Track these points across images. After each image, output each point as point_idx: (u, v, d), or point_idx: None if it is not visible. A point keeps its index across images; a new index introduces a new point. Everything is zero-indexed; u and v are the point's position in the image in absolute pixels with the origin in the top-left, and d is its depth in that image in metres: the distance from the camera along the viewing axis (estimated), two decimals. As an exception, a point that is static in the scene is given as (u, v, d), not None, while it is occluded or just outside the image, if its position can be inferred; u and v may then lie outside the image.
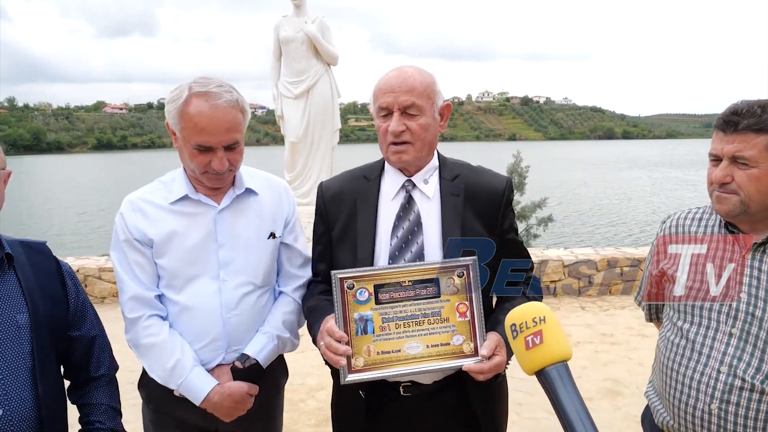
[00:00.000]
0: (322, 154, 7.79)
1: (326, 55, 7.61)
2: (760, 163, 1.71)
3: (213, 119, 1.91)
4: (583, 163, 71.80)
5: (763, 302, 1.77)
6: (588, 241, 17.33)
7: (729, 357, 1.80)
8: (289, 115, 7.71)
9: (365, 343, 1.77)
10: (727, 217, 1.83)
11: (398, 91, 1.88)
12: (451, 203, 1.97)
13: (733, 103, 1.81)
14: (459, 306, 1.80)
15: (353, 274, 1.77)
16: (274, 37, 7.74)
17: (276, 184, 2.28)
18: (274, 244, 2.18)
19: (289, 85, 7.65)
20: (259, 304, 2.16)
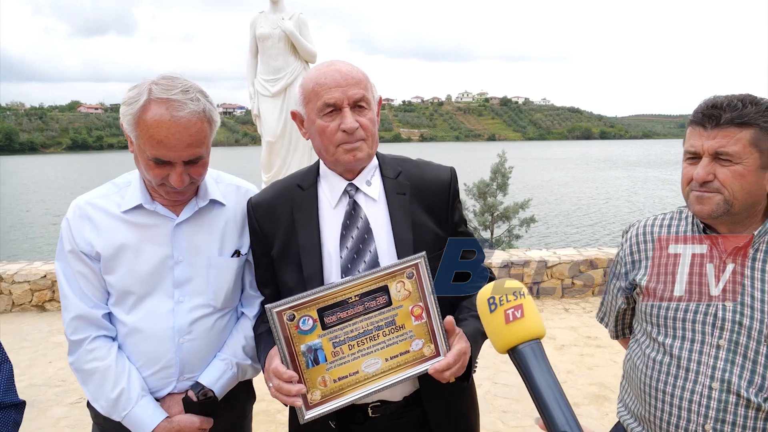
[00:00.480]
0: (300, 154, 7.58)
1: (304, 53, 7.41)
2: (744, 159, 1.60)
3: (173, 132, 1.69)
4: (563, 163, 72.46)
5: (749, 309, 1.67)
6: (570, 241, 17.36)
7: (720, 371, 1.68)
8: (266, 114, 7.49)
9: (319, 373, 1.61)
10: (707, 219, 1.70)
11: (345, 85, 1.71)
12: (398, 203, 1.82)
13: (708, 98, 1.69)
14: (413, 309, 1.66)
15: (291, 303, 1.57)
16: (251, 34, 7.53)
17: (244, 192, 2.06)
18: (238, 263, 1.97)
19: (265, 83, 7.44)
20: (218, 328, 1.96)
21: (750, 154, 1.60)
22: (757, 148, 1.60)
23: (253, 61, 7.60)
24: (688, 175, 1.70)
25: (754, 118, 1.59)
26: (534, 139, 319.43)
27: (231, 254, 1.95)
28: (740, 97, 1.64)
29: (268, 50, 7.39)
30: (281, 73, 7.38)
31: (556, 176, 46.93)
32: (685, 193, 1.74)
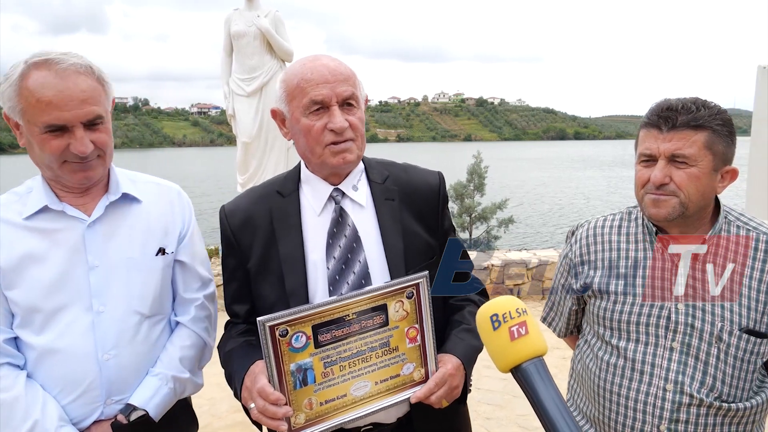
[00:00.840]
0: (276, 155, 7.41)
1: (280, 51, 7.25)
2: (699, 162, 1.62)
3: (61, 89, 1.52)
4: (540, 163, 73.15)
5: (701, 312, 1.70)
6: (555, 242, 17.45)
7: (673, 373, 1.71)
8: (242, 114, 7.30)
9: (306, 395, 1.49)
10: (664, 221, 1.70)
11: (334, 81, 1.58)
12: (387, 209, 1.70)
13: (659, 101, 1.71)
14: (409, 331, 1.56)
15: (286, 318, 1.44)
16: (225, 32, 7.34)
17: (166, 188, 1.89)
18: (164, 262, 1.79)
19: (240, 82, 7.25)
20: (150, 339, 1.76)
21: (704, 156, 1.62)
22: (710, 150, 1.62)
23: (228, 60, 7.41)
24: (643, 178, 1.70)
25: (708, 121, 1.61)
26: (510, 140, 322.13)
27: (155, 253, 1.78)
28: (692, 100, 1.66)
29: (243, 49, 7.21)
30: (257, 72, 7.21)
31: (534, 176, 47.26)
32: (640, 196, 1.73)
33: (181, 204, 1.91)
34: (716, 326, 1.68)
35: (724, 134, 1.65)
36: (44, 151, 1.58)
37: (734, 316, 1.68)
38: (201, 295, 1.89)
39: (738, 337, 1.68)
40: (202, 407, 4.46)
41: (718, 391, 1.69)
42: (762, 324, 1.68)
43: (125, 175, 1.83)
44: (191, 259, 1.88)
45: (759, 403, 1.73)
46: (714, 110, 1.64)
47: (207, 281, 1.93)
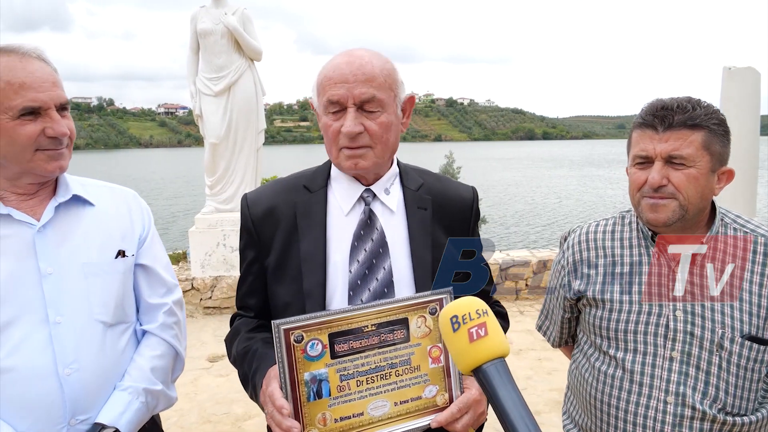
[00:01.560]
0: (246, 156, 7.25)
1: (249, 50, 7.09)
2: (697, 162, 1.58)
3: (32, 71, 1.49)
4: (512, 162, 73.80)
5: (701, 319, 1.63)
6: (529, 242, 17.52)
7: (674, 384, 1.64)
8: (209, 114, 7.12)
9: (320, 409, 1.39)
10: (663, 226, 1.64)
11: (353, 81, 1.49)
12: (418, 217, 1.63)
13: (654, 100, 1.66)
14: (432, 350, 1.46)
15: (302, 322, 1.37)
16: (191, 30, 7.15)
17: (120, 192, 1.80)
18: (124, 266, 1.68)
19: (208, 81, 7.07)
20: (115, 350, 1.64)
21: (702, 156, 1.57)
22: (708, 150, 1.58)
23: (194, 59, 7.22)
24: (638, 181, 1.64)
25: (704, 121, 1.57)
26: (479, 140, 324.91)
27: (114, 256, 1.67)
28: (686, 99, 1.62)
29: (210, 47, 7.04)
30: (224, 71, 7.04)
31: (507, 176, 47.57)
32: (636, 200, 1.67)
33: (139, 207, 1.82)
34: (717, 333, 1.62)
35: (720, 134, 1.61)
36: (16, 140, 1.49)
37: (735, 322, 1.62)
38: (168, 300, 1.79)
39: (740, 345, 1.61)
40: (170, 419, 4.29)
41: (721, 402, 1.62)
42: (765, 330, 1.62)
43: (75, 179, 1.73)
44: (153, 262, 1.78)
45: (765, 416, 1.66)
46: (709, 109, 1.60)
47: (172, 286, 1.83)
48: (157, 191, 34.73)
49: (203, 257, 7.10)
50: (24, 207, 1.59)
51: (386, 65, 1.56)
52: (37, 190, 1.62)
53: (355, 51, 1.57)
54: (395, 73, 1.58)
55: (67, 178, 1.68)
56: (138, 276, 1.75)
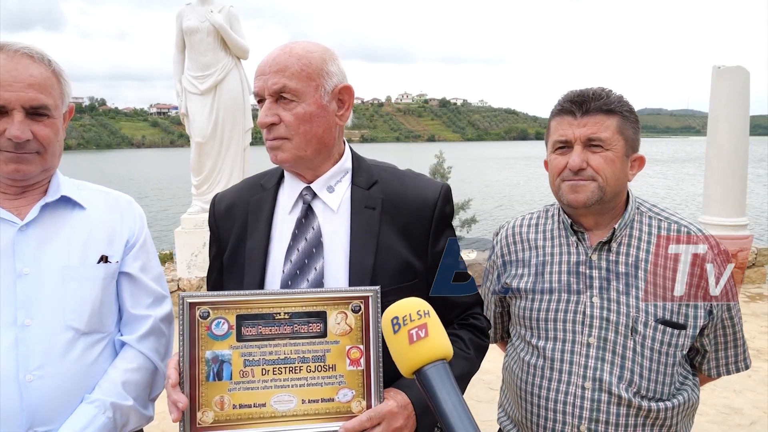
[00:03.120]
0: (232, 155, 7.17)
1: (235, 48, 7.01)
2: (613, 146, 1.66)
3: (9, 70, 1.45)
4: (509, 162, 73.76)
5: (615, 304, 1.68)
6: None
7: (591, 370, 1.68)
8: (195, 113, 7.04)
9: (219, 391, 1.34)
10: (582, 208, 1.69)
11: (268, 73, 1.48)
12: (363, 218, 1.54)
13: (568, 91, 1.75)
14: (351, 351, 1.39)
15: (209, 299, 1.37)
16: (177, 28, 7.07)
17: (115, 197, 1.74)
18: (106, 272, 1.61)
19: (194, 80, 6.98)
20: (85, 360, 1.55)
21: (618, 140, 1.65)
22: (622, 135, 1.66)
23: (180, 57, 7.15)
24: (559, 165, 1.70)
25: (618, 107, 1.66)
26: (473, 140, 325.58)
27: (96, 261, 1.60)
28: (599, 88, 1.71)
29: (196, 45, 6.96)
30: (211, 70, 6.96)
31: (506, 176, 47.34)
32: (556, 185, 1.73)
33: (132, 213, 1.75)
34: (631, 318, 1.67)
35: (632, 120, 1.69)
36: None
37: (650, 307, 1.67)
38: (153, 312, 1.70)
39: (654, 329, 1.66)
40: (152, 422, 4.19)
41: (636, 385, 1.66)
42: (679, 315, 1.66)
43: (71, 182, 1.69)
44: (141, 271, 1.70)
45: (681, 403, 1.70)
46: (621, 98, 1.70)
47: (161, 298, 1.74)
48: (157, 192, 34.52)
49: (189, 258, 7.02)
50: (10, 206, 1.56)
51: (309, 55, 1.50)
52: (22, 192, 1.58)
53: (288, 44, 1.54)
54: (321, 63, 1.51)
55: (60, 180, 1.64)
56: (122, 284, 1.67)
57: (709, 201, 7.76)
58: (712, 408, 4.42)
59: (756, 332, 6.05)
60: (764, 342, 5.78)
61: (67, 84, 1.60)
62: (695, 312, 1.67)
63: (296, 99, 1.48)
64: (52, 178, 1.63)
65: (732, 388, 4.73)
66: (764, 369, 5.12)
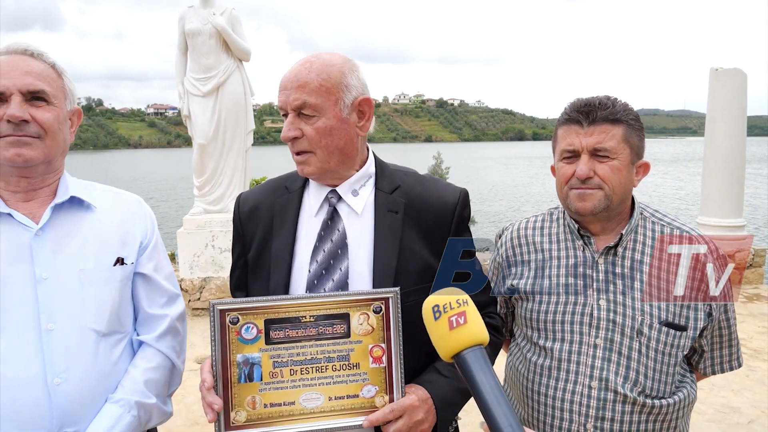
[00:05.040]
0: (234, 157, 7.21)
1: (237, 50, 7.05)
2: (619, 155, 1.70)
3: (8, 62, 1.53)
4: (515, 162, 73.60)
5: (622, 307, 1.74)
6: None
7: (597, 370, 1.73)
8: (197, 115, 7.07)
9: (250, 392, 1.42)
10: (589, 216, 1.74)
11: (290, 88, 1.54)
12: (387, 221, 1.60)
13: (574, 100, 1.78)
14: (373, 349, 1.46)
15: (239, 305, 1.43)
16: (179, 30, 7.10)
17: (126, 197, 1.78)
18: (122, 274, 1.64)
19: (196, 81, 7.02)
20: (108, 361, 1.59)
21: (623, 149, 1.69)
22: (628, 144, 1.70)
23: (182, 59, 7.18)
24: (567, 174, 1.74)
25: (623, 116, 1.70)
26: (470, 140, 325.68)
27: (112, 263, 1.63)
28: (605, 96, 1.74)
29: (198, 47, 6.99)
30: (213, 72, 7.00)
31: (513, 176, 47.11)
32: (564, 193, 1.77)
33: (142, 214, 1.77)
34: (637, 320, 1.72)
35: (637, 128, 1.73)
36: None
37: (654, 309, 1.72)
38: (168, 311, 1.75)
39: (658, 331, 1.72)
40: (157, 422, 4.24)
41: (641, 385, 1.72)
42: (681, 317, 1.73)
43: (79, 182, 1.71)
44: (154, 271, 1.73)
45: (681, 399, 1.76)
46: (626, 106, 1.73)
47: (174, 296, 1.78)
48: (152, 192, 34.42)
49: (191, 258, 7.06)
50: (23, 208, 1.57)
51: (328, 69, 1.55)
52: (30, 189, 1.59)
53: (310, 57, 1.58)
54: (340, 77, 1.56)
55: (68, 180, 1.65)
56: (137, 285, 1.70)
57: (707, 202, 7.82)
58: (711, 407, 4.48)
59: (754, 332, 6.11)
60: (762, 342, 5.85)
61: (69, 82, 1.64)
62: (695, 314, 1.74)
63: (317, 114, 1.53)
64: (60, 179, 1.64)
65: (730, 387, 4.79)
66: (762, 368, 5.18)
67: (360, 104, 1.60)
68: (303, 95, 1.52)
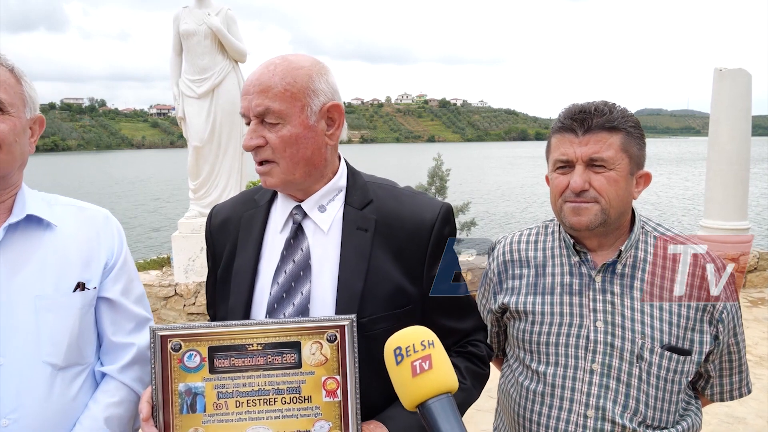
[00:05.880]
0: (230, 159, 7.10)
1: (232, 51, 6.95)
2: (617, 165, 1.57)
3: None
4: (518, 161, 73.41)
5: (621, 329, 1.60)
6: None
7: (594, 398, 1.60)
8: (192, 117, 6.96)
9: (192, 423, 1.33)
10: (585, 231, 1.61)
11: (252, 93, 1.41)
12: (354, 240, 1.47)
13: (569, 105, 1.65)
14: (327, 382, 1.35)
15: (181, 331, 1.36)
16: (174, 31, 7.00)
17: (91, 213, 1.63)
18: (83, 300, 1.52)
19: (191, 83, 6.92)
20: (65, 397, 1.47)
21: (621, 159, 1.57)
22: (626, 153, 1.58)
23: (177, 60, 7.08)
24: (561, 186, 1.62)
25: (621, 123, 1.57)
26: (472, 140, 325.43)
27: (72, 288, 1.50)
28: (602, 102, 1.62)
29: (193, 48, 6.89)
30: (208, 73, 6.89)
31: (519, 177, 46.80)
32: (558, 206, 1.65)
33: (109, 231, 1.64)
34: (636, 344, 1.59)
35: (637, 136, 1.61)
36: None
37: (655, 332, 1.59)
38: (136, 340, 1.62)
39: (660, 355, 1.58)
40: None
41: (642, 415, 1.59)
42: (685, 341, 1.59)
43: (40, 197, 1.57)
44: (121, 295, 1.61)
45: (685, 429, 1.64)
46: (625, 112, 1.60)
47: (143, 321, 1.66)
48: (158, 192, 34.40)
49: (187, 262, 6.96)
50: None
51: (294, 72, 1.42)
52: None
53: (273, 60, 1.46)
54: (307, 81, 1.43)
55: (26, 196, 1.52)
56: (101, 310, 1.58)
57: (710, 204, 7.70)
58: (715, 417, 4.36)
59: (759, 338, 5.99)
60: (767, 349, 5.72)
61: (29, 87, 1.52)
62: (701, 337, 1.61)
63: (281, 121, 1.41)
64: (17, 195, 1.52)
65: (735, 396, 4.68)
66: (767, 377, 5.06)
67: (329, 110, 1.47)
68: (266, 101, 1.40)
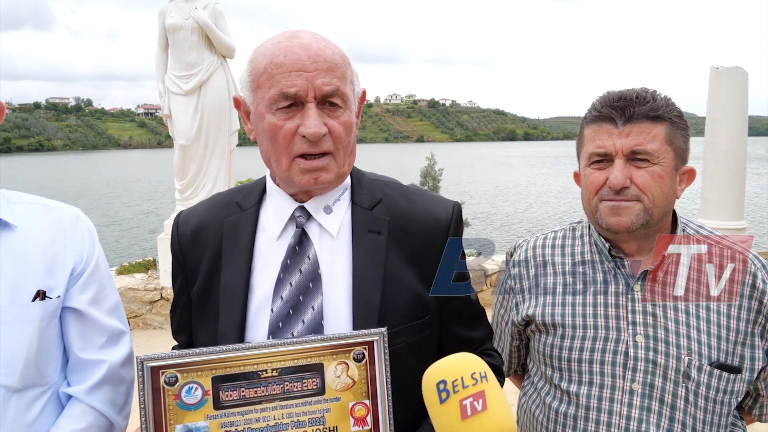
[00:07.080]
0: (218, 158, 6.89)
1: (220, 46, 6.74)
2: (662, 159, 1.41)
3: None
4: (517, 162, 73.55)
5: (664, 344, 1.43)
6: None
7: (635, 422, 1.42)
8: (178, 114, 6.75)
9: None
10: (626, 232, 1.44)
11: (313, 70, 1.18)
12: (368, 244, 1.29)
13: (606, 92, 1.48)
14: (355, 408, 1.15)
15: (176, 360, 1.11)
16: (159, 25, 6.79)
17: (58, 212, 1.45)
18: (43, 311, 1.34)
19: (177, 79, 6.70)
20: (22, 423, 1.29)
21: (667, 152, 1.41)
22: (671, 146, 1.42)
23: (163, 56, 6.86)
24: (596, 183, 1.45)
25: (666, 112, 1.42)
26: (461, 141, 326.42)
27: (31, 297, 1.33)
28: (642, 89, 1.46)
29: (179, 43, 6.67)
30: (195, 69, 6.67)
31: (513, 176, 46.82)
32: (593, 205, 1.48)
33: (78, 232, 1.46)
34: (683, 361, 1.42)
35: (682, 127, 1.45)
36: None
37: (703, 348, 1.42)
38: (107, 356, 1.44)
39: (709, 374, 1.42)
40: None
41: None
42: (735, 357, 1.43)
43: (2, 194, 1.38)
44: (91, 305, 1.43)
45: None
46: (669, 100, 1.45)
47: (116, 335, 1.48)
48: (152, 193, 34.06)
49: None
50: None
51: (342, 52, 1.27)
52: None
53: (303, 33, 1.25)
54: (350, 62, 1.29)
55: None
56: (67, 323, 1.41)
57: (707, 204, 7.62)
58: None
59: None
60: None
61: None
62: (752, 353, 1.44)
63: (343, 105, 1.24)
64: None
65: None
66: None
67: (362, 97, 1.34)
68: (335, 79, 1.22)
